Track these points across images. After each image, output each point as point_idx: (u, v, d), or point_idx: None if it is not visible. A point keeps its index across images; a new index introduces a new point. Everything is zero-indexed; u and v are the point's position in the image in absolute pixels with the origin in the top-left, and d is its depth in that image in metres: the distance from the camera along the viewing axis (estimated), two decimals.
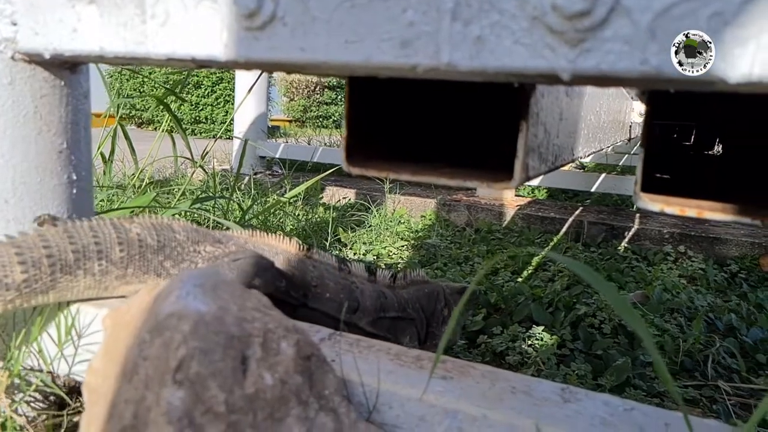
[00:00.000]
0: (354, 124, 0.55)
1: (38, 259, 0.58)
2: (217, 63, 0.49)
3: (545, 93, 0.54)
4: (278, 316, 0.43)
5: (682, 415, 0.46)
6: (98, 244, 0.63)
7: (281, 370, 0.39)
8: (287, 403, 0.38)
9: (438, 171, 0.53)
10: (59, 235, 0.61)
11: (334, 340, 0.55)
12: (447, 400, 0.46)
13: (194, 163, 1.45)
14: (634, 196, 0.47)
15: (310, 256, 0.85)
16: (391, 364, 0.51)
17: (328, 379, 0.43)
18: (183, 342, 0.34)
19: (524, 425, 0.43)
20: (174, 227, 0.72)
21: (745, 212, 0.43)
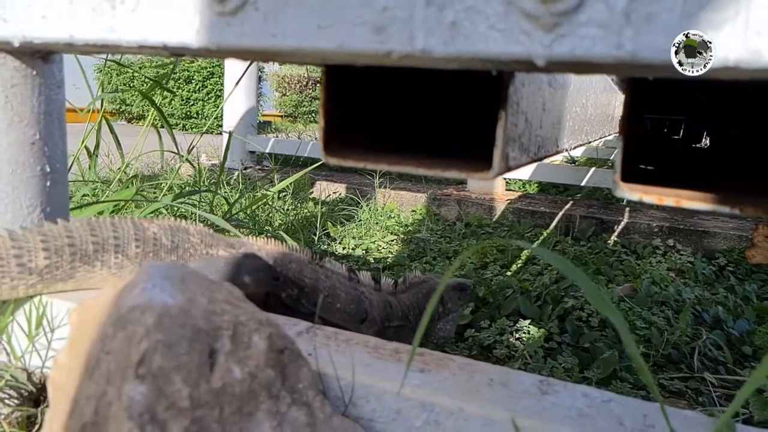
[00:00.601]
0: (332, 114, 0.54)
1: (61, 248, 0.62)
2: (190, 50, 0.48)
3: (526, 82, 0.53)
4: (250, 308, 0.42)
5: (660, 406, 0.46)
6: (117, 239, 0.67)
7: (251, 363, 0.38)
8: (257, 397, 0.37)
9: (417, 161, 0.52)
10: (82, 227, 0.65)
11: (312, 333, 0.54)
12: (424, 393, 0.45)
13: (181, 157, 1.43)
14: (613, 184, 0.46)
15: (323, 265, 0.86)
16: (369, 357, 0.50)
17: (303, 372, 0.42)
18: (146, 335, 0.33)
19: (500, 417, 0.42)
20: (189, 230, 0.75)
21: (725, 201, 0.43)
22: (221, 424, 0.34)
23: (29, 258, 0.60)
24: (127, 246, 0.68)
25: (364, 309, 0.87)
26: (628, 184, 0.48)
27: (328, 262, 0.88)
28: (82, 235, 0.64)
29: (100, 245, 0.66)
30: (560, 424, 0.42)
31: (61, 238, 0.63)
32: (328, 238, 1.78)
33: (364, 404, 0.46)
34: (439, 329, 1.02)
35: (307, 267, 0.83)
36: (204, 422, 0.33)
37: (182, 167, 2.49)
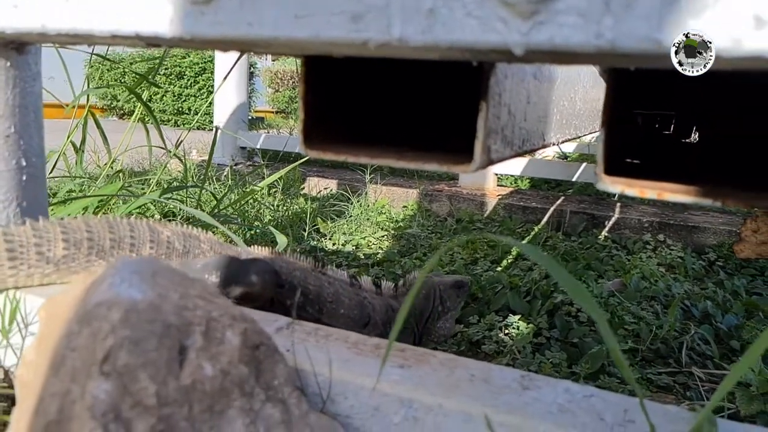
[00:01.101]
0: (312, 106, 0.53)
1: (80, 241, 0.65)
2: (163, 40, 0.47)
3: (508, 74, 0.52)
4: (225, 304, 0.41)
5: (644, 401, 0.45)
6: (133, 238, 0.70)
7: (224, 360, 0.37)
8: (229, 394, 0.36)
9: (397, 154, 0.52)
10: (101, 224, 0.68)
11: (291, 329, 0.53)
12: (403, 389, 0.44)
13: (168, 152, 1.41)
14: (595, 177, 0.46)
15: (325, 273, 0.89)
16: (349, 352, 0.50)
17: (278, 369, 0.42)
18: (111, 332, 0.32)
19: (479, 413, 0.42)
20: (200, 237, 0.78)
21: (708, 194, 0.42)
22: (190, 422, 0.33)
23: (48, 248, 0.62)
24: (142, 246, 0.71)
25: (366, 314, 0.89)
26: (611, 177, 0.48)
27: (330, 269, 0.91)
28: (100, 231, 0.67)
29: (117, 242, 0.68)
30: (540, 419, 0.41)
31: (81, 231, 0.65)
32: (318, 234, 1.77)
33: (342, 401, 0.45)
34: (439, 327, 1.03)
35: (311, 275, 0.86)
36: (172, 420, 0.32)
37: (173, 163, 2.47)
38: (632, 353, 1.13)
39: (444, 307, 1.03)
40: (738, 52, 0.31)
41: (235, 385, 0.36)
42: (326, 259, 1.51)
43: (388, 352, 0.38)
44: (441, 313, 1.03)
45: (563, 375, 1.00)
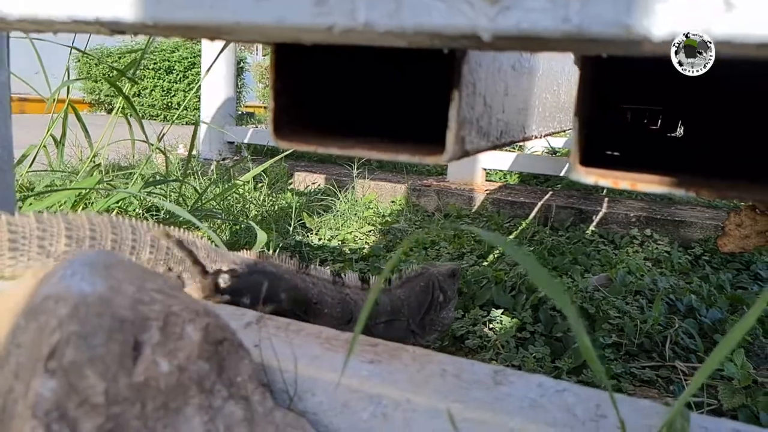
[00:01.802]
0: (283, 96, 0.52)
1: (82, 238, 0.65)
2: (125, 25, 0.45)
3: (483, 63, 0.51)
4: (187, 299, 0.40)
5: (617, 396, 0.44)
6: (134, 241, 0.71)
7: (182, 356, 0.36)
8: (186, 391, 0.35)
9: (369, 145, 0.50)
10: (104, 223, 0.68)
11: (262, 323, 0.52)
12: (372, 384, 0.43)
13: (150, 146, 1.39)
14: (569, 167, 0.45)
15: (309, 273, 0.90)
16: (320, 348, 0.49)
17: (243, 365, 0.40)
18: (58, 326, 0.31)
19: (449, 408, 0.41)
20: (197, 244, 0.79)
21: (681, 184, 0.41)
22: (143, 421, 0.32)
23: (51, 242, 0.63)
24: (142, 250, 0.71)
25: (349, 310, 0.90)
26: (585, 167, 0.47)
27: (313, 268, 0.92)
28: (103, 231, 0.68)
29: (118, 244, 0.69)
30: (510, 414, 0.40)
31: (84, 229, 0.66)
32: (304, 229, 1.75)
33: (310, 397, 0.44)
34: (442, 317, 1.04)
35: (297, 276, 0.88)
36: (122, 419, 0.31)
37: (160, 158, 2.44)
38: (616, 347, 1.13)
39: (446, 297, 1.03)
40: (708, 38, 0.30)
41: (194, 382, 0.35)
42: (311, 254, 1.50)
43: (352, 347, 0.37)
44: (443, 303, 1.02)
45: (546, 369, 1.00)
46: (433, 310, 1.01)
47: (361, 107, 0.66)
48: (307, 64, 0.56)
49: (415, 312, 0.99)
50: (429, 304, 1.01)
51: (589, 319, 1.23)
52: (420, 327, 1.00)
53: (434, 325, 1.02)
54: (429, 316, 1.01)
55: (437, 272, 1.03)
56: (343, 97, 0.62)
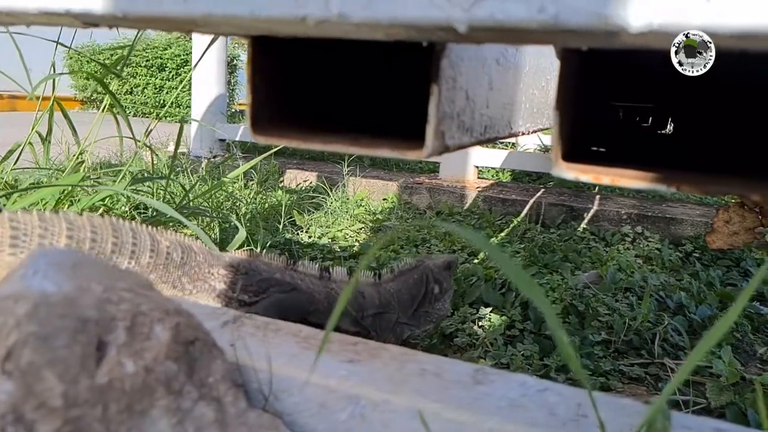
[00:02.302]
0: (261, 90, 0.51)
1: (83, 239, 0.66)
2: (96, 17, 0.44)
3: (465, 57, 0.50)
4: (158, 298, 0.39)
5: (598, 395, 0.44)
6: (134, 245, 0.71)
7: (149, 356, 0.35)
8: (153, 393, 0.34)
9: (349, 140, 0.50)
10: (105, 226, 0.69)
11: (239, 323, 0.51)
12: (350, 384, 0.42)
13: (137, 143, 1.38)
14: (550, 163, 0.44)
15: (296, 270, 0.93)
16: (297, 347, 0.48)
17: (215, 365, 0.39)
18: (16, 327, 0.30)
19: (427, 409, 0.40)
20: (194, 248, 0.80)
21: (662, 179, 0.41)
22: (105, 424, 0.31)
23: (51, 241, 0.63)
24: (142, 254, 0.72)
25: (335, 303, 0.93)
26: (567, 162, 0.46)
27: (301, 264, 0.94)
28: (103, 234, 0.68)
29: (118, 247, 0.69)
30: (489, 415, 0.40)
31: (85, 230, 0.66)
32: (294, 227, 1.74)
33: (287, 398, 0.43)
34: (438, 309, 1.04)
35: (287, 274, 0.90)
36: (82, 422, 0.30)
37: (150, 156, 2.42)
38: (606, 345, 1.12)
39: (441, 289, 1.03)
40: (685, 27, 0.30)
41: (161, 383, 0.34)
42: (301, 252, 1.49)
43: (323, 345, 0.36)
44: (439, 295, 1.03)
45: (535, 367, 1.00)
46: (427, 302, 1.02)
47: (348, 103, 0.65)
48: (291, 58, 0.55)
49: (407, 305, 1.00)
50: (423, 296, 1.01)
51: (579, 317, 1.23)
52: (414, 319, 1.01)
53: (429, 317, 1.03)
54: (423, 308, 1.01)
55: (432, 264, 1.04)
56: (329, 93, 0.62)
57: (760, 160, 0.50)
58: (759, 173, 0.48)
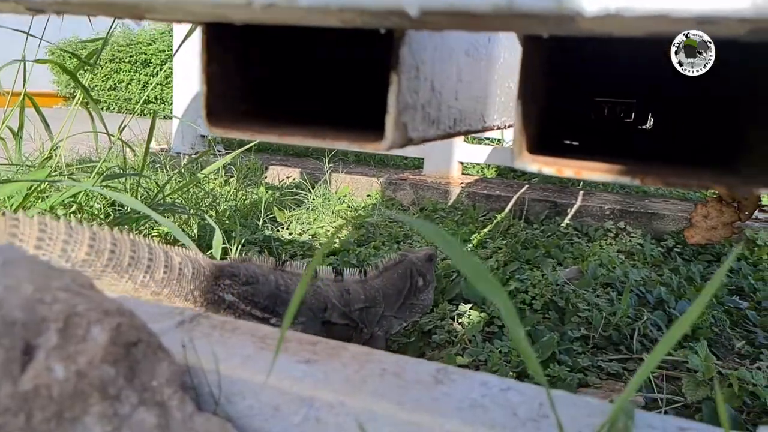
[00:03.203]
0: (217, 80, 0.49)
1: (102, 251, 0.70)
2: (43, 4, 0.42)
3: (429, 46, 0.48)
4: (98, 297, 0.37)
5: (562, 394, 0.42)
6: (150, 260, 0.75)
7: (83, 360, 0.33)
8: (86, 399, 0.32)
9: (307, 132, 0.48)
10: (123, 240, 0.73)
11: (196, 322, 0.49)
12: (304, 386, 0.41)
13: (111, 138, 1.34)
14: (512, 155, 0.43)
15: (285, 270, 0.95)
16: (254, 347, 0.46)
17: (160, 368, 0.38)
18: None
19: (384, 410, 0.38)
20: (201, 262, 0.83)
21: (626, 172, 0.39)
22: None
23: (73, 248, 0.67)
24: (156, 270, 0.75)
25: (323, 300, 0.95)
26: (531, 155, 0.45)
27: (289, 264, 0.97)
28: (122, 248, 0.72)
29: (135, 261, 0.73)
30: (447, 416, 0.38)
31: (106, 242, 0.70)
32: (275, 224, 1.72)
33: (240, 401, 0.41)
34: (422, 300, 1.08)
35: (279, 275, 0.93)
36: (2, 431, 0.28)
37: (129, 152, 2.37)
38: (584, 340, 1.12)
39: (425, 281, 1.07)
40: (641, 11, 0.28)
41: (95, 388, 0.32)
42: (281, 249, 1.47)
43: (279, 344, 0.34)
44: (423, 287, 1.07)
45: (513, 364, 0.99)
46: (413, 294, 1.06)
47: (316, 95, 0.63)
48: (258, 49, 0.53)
49: (395, 299, 1.04)
50: (408, 289, 1.05)
51: (559, 312, 1.22)
52: (401, 312, 1.05)
53: (414, 309, 1.07)
54: (409, 301, 1.06)
55: (415, 258, 1.08)
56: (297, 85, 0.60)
57: (729, 153, 0.49)
58: (725, 166, 0.47)
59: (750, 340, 1.20)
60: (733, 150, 0.48)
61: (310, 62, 0.61)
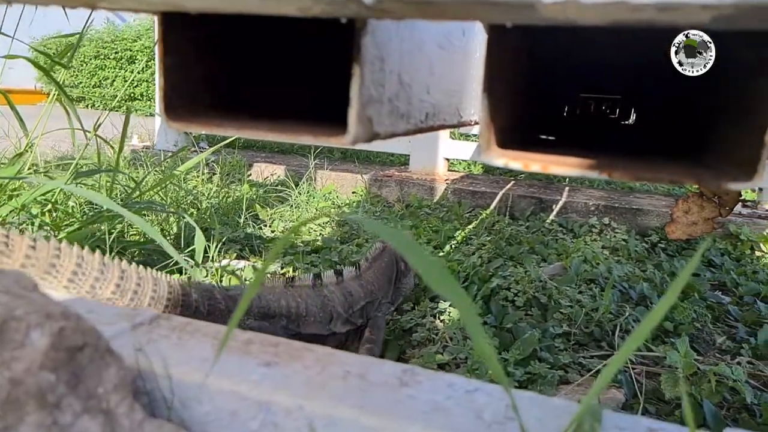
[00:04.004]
0: (175, 72, 0.47)
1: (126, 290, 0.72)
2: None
3: (395, 37, 0.47)
4: (41, 300, 0.35)
5: (530, 395, 0.41)
6: (169, 300, 0.76)
7: (19, 367, 0.31)
8: (22, 408, 0.30)
9: (269, 126, 0.46)
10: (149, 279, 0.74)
11: (155, 324, 0.47)
12: (262, 390, 0.39)
13: (87, 135, 1.31)
14: (478, 149, 0.41)
15: (293, 285, 0.97)
16: (214, 350, 0.44)
17: (108, 373, 0.36)
18: None
19: (343, 415, 0.37)
20: (216, 296, 0.84)
21: (593, 166, 0.38)
22: None
23: (101, 285, 0.69)
24: (174, 309, 0.77)
25: (329, 310, 0.97)
26: (501, 149, 0.44)
27: (297, 279, 0.98)
28: (145, 287, 0.73)
29: (156, 301, 0.75)
30: (410, 420, 0.37)
31: (131, 281, 0.72)
32: (258, 221, 1.69)
33: (197, 406, 0.40)
34: (405, 283, 1.14)
35: (289, 296, 0.94)
36: None
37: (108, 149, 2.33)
38: (566, 337, 1.11)
39: (407, 264, 1.13)
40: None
41: (32, 396, 0.31)
42: (262, 247, 1.45)
43: (225, 342, 0.33)
44: (405, 271, 1.13)
45: None
46: (397, 281, 1.12)
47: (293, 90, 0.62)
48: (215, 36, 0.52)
49: (387, 287, 1.09)
50: (395, 275, 1.11)
51: (541, 309, 1.22)
52: (393, 296, 1.10)
53: (400, 292, 1.14)
54: (396, 285, 1.12)
55: None
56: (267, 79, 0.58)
57: (703, 147, 0.48)
58: (698, 160, 0.46)
59: (731, 335, 1.20)
60: (706, 144, 0.47)
61: (288, 56, 0.59)
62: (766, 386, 1.00)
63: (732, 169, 0.37)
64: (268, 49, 0.58)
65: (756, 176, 0.34)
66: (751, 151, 0.35)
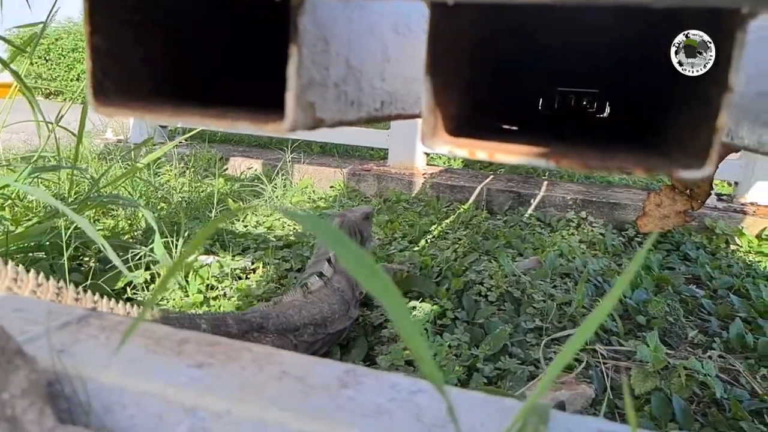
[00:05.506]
0: (105, 54, 0.44)
1: None
2: None
3: (341, 19, 0.44)
4: None
5: (475, 395, 0.39)
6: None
7: None
8: None
9: (204, 112, 0.43)
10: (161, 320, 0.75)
11: (84, 323, 0.45)
12: (189, 394, 0.37)
13: (48, 127, 1.27)
14: (421, 137, 0.39)
15: (312, 291, 0.97)
16: (144, 350, 0.41)
17: (16, 378, 0.33)
18: None
19: (277, 419, 0.35)
20: (228, 321, 0.83)
21: (541, 155, 0.36)
22: None
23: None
24: None
25: (346, 300, 1.00)
26: (448, 136, 0.41)
27: (310, 282, 0.99)
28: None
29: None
30: (348, 424, 0.35)
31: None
32: (230, 216, 1.66)
33: (120, 410, 0.37)
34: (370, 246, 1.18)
35: (311, 306, 0.94)
36: None
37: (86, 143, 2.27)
38: (538, 332, 1.10)
39: (362, 238, 1.16)
40: None
41: None
42: (233, 242, 1.41)
43: (126, 337, 0.30)
44: (362, 240, 1.17)
45: (463, 357, 0.96)
46: (364, 243, 1.16)
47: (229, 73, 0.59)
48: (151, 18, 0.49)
49: None
50: (360, 240, 1.15)
51: (515, 303, 1.20)
52: None
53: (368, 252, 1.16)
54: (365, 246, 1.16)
55: (353, 217, 1.16)
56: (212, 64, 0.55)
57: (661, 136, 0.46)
58: (655, 149, 0.44)
59: (703, 329, 1.20)
60: (665, 133, 0.45)
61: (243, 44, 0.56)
62: (736, 380, 1.00)
63: (685, 158, 0.35)
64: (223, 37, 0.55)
65: (708, 163, 0.33)
66: (704, 137, 0.33)
